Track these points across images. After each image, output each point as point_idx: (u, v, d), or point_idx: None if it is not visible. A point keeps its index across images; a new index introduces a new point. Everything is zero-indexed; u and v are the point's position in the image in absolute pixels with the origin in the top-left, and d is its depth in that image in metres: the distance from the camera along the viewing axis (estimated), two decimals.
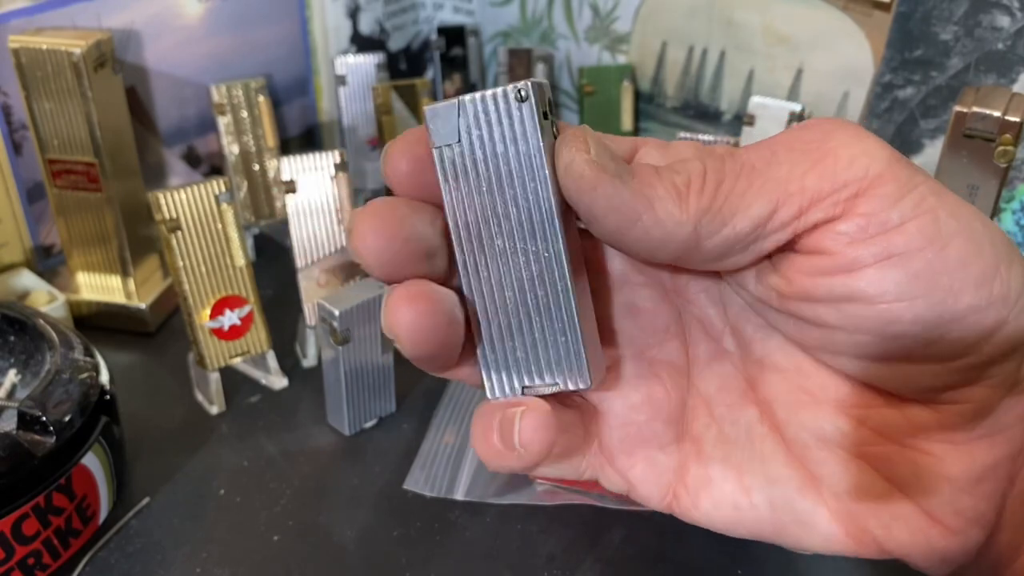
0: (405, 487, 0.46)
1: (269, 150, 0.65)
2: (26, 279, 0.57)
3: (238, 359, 0.52)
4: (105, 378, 0.44)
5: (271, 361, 0.53)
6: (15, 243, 0.58)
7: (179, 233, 0.48)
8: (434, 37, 0.74)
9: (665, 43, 0.67)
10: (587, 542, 0.43)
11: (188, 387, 0.53)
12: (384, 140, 0.65)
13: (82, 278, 0.59)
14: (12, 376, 0.46)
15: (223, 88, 0.62)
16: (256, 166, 0.65)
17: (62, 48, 0.51)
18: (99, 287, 0.59)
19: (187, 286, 0.49)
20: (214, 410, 0.51)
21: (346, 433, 0.50)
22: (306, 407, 0.52)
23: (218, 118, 0.63)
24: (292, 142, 0.74)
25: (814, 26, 0.59)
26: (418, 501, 0.45)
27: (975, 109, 0.38)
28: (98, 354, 0.45)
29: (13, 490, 0.38)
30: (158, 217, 0.48)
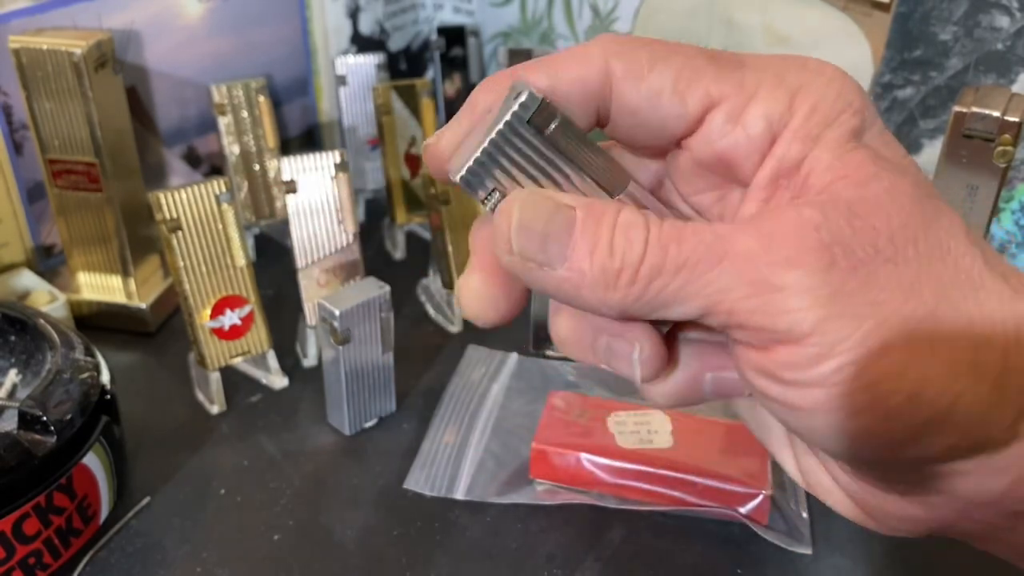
0: (405, 487, 0.46)
1: (269, 150, 0.65)
2: (27, 279, 0.57)
3: (238, 359, 0.52)
4: (106, 378, 0.44)
5: (271, 361, 0.53)
6: (16, 243, 0.58)
7: (180, 233, 0.48)
8: (434, 37, 0.74)
9: None
10: (587, 542, 0.43)
11: (189, 387, 0.53)
12: (384, 140, 0.65)
13: (83, 278, 0.59)
14: (13, 376, 0.46)
15: (223, 88, 0.62)
16: (256, 166, 0.65)
17: (63, 48, 0.51)
18: (100, 287, 0.59)
19: (188, 286, 0.49)
20: (214, 410, 0.51)
21: (346, 433, 0.50)
22: (306, 407, 0.52)
23: (218, 118, 0.63)
24: (292, 142, 0.74)
25: (814, 26, 0.59)
26: (418, 501, 0.46)
27: (974, 109, 0.38)
28: (99, 354, 0.45)
29: (14, 490, 0.38)
30: (159, 217, 0.48)
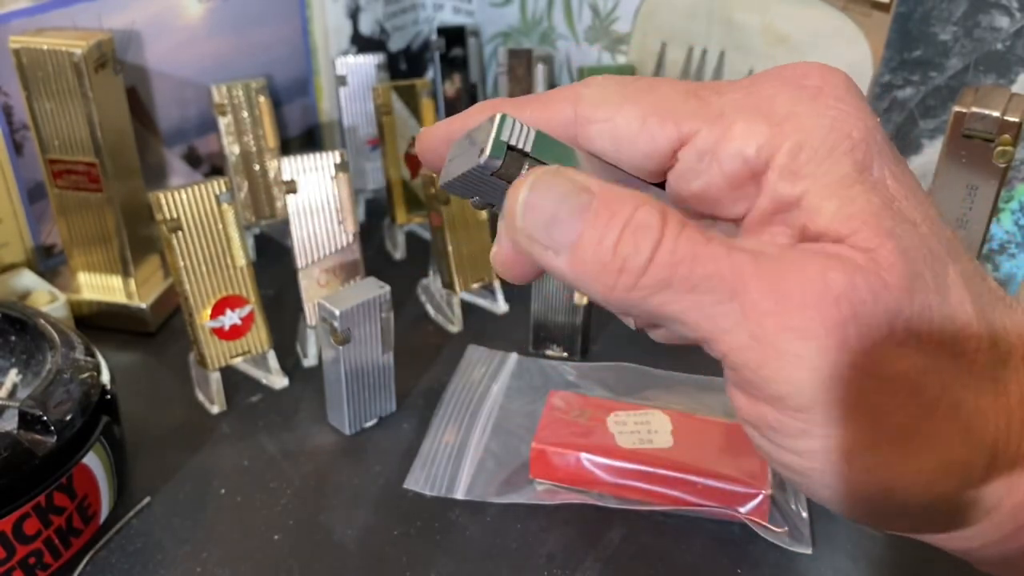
0: (405, 486, 0.46)
1: (270, 150, 0.65)
2: (27, 279, 0.57)
3: (239, 359, 0.52)
4: (106, 378, 0.44)
5: (272, 361, 0.53)
6: (16, 243, 0.58)
7: (180, 233, 0.48)
8: (434, 37, 0.74)
9: (665, 43, 0.67)
10: (587, 541, 0.43)
11: (189, 387, 0.53)
12: (384, 140, 0.65)
13: (83, 278, 0.59)
14: (13, 376, 0.46)
15: (224, 88, 0.62)
16: (257, 166, 0.65)
17: (63, 48, 0.51)
18: (100, 287, 0.59)
19: (188, 286, 0.49)
20: (215, 410, 0.51)
21: (346, 433, 0.50)
22: (306, 407, 0.52)
23: (219, 118, 0.63)
24: (292, 142, 0.75)
25: (813, 26, 0.59)
26: (418, 500, 0.46)
27: (974, 109, 0.38)
28: (99, 354, 0.45)
29: (14, 489, 0.38)
30: (159, 217, 0.48)
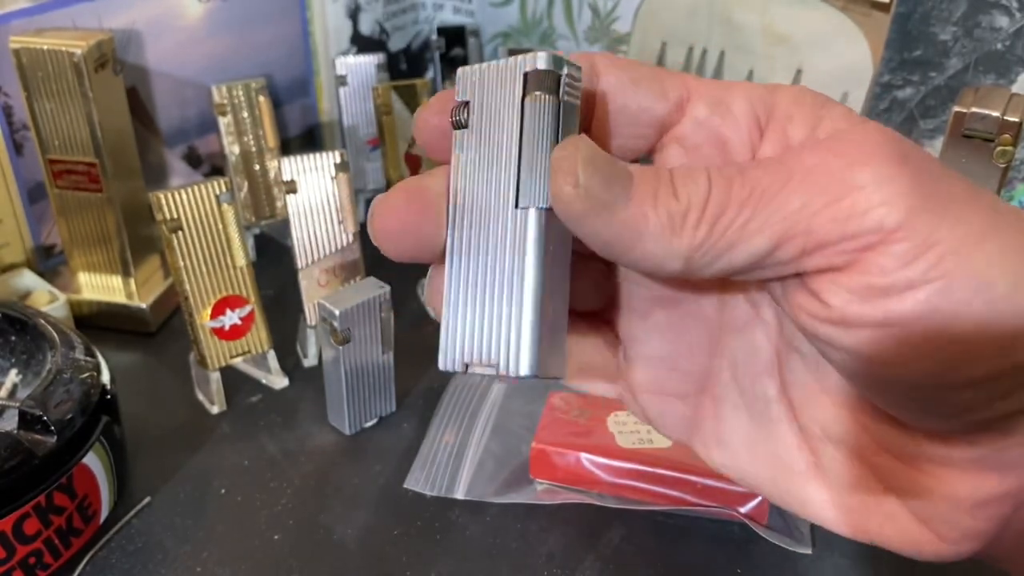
0: (405, 486, 0.46)
1: (270, 150, 0.65)
2: (27, 279, 0.57)
3: (239, 359, 0.52)
4: (106, 378, 0.44)
5: (272, 361, 0.53)
6: (16, 243, 0.58)
7: (180, 233, 0.48)
8: (434, 37, 0.74)
9: (665, 43, 0.67)
10: (587, 541, 0.43)
11: (189, 387, 0.53)
12: (384, 140, 0.65)
13: (83, 278, 0.59)
14: (13, 376, 0.46)
15: (224, 88, 0.62)
16: (257, 166, 0.65)
17: (63, 48, 0.51)
18: (100, 287, 0.59)
19: (188, 286, 0.49)
20: (215, 410, 0.51)
21: (346, 433, 0.50)
22: (307, 407, 0.52)
23: (219, 118, 0.63)
24: (293, 142, 0.75)
25: (813, 26, 0.59)
26: (418, 501, 0.46)
27: (974, 109, 0.38)
28: (99, 354, 0.45)
29: (14, 489, 0.38)
30: (159, 217, 0.48)
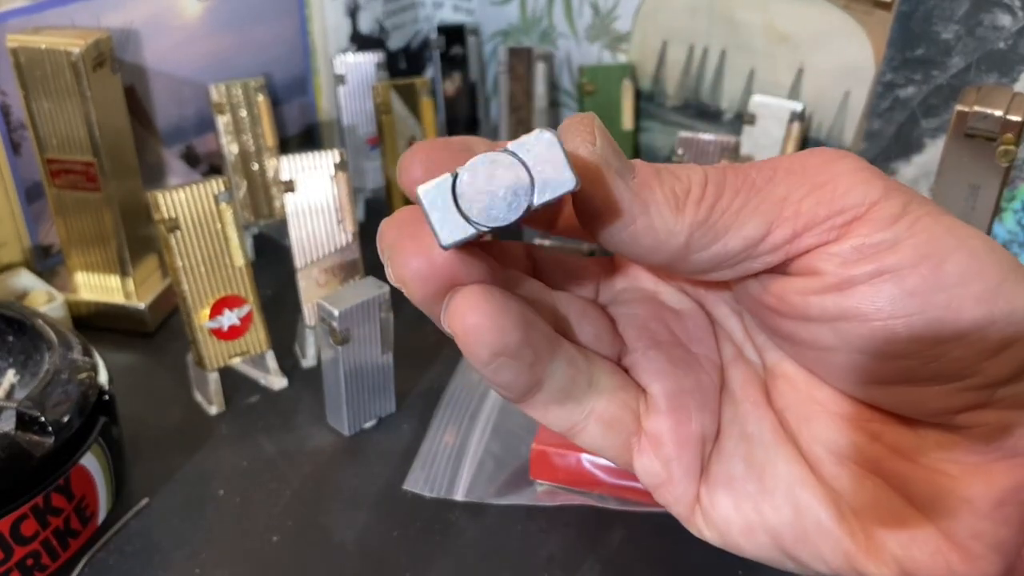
0: (405, 487, 0.46)
1: (268, 149, 0.64)
2: (25, 279, 0.57)
3: (237, 359, 0.52)
4: (104, 378, 0.44)
5: (270, 361, 0.53)
6: (14, 243, 0.58)
7: (178, 233, 0.48)
8: (434, 36, 0.73)
9: (666, 42, 0.67)
10: (587, 542, 0.43)
11: (187, 387, 0.53)
12: (384, 139, 0.65)
13: (81, 278, 0.59)
14: (11, 376, 0.46)
15: (222, 87, 0.62)
16: (255, 165, 0.64)
17: (61, 47, 0.51)
18: (98, 287, 0.58)
19: (186, 286, 0.49)
20: (213, 410, 0.51)
21: (346, 433, 0.50)
22: (306, 407, 0.52)
23: (217, 117, 0.62)
24: (291, 141, 0.74)
25: (815, 25, 0.59)
26: (418, 501, 0.45)
27: (976, 108, 0.38)
28: (97, 354, 0.45)
29: (12, 491, 0.38)
30: (157, 217, 0.47)
